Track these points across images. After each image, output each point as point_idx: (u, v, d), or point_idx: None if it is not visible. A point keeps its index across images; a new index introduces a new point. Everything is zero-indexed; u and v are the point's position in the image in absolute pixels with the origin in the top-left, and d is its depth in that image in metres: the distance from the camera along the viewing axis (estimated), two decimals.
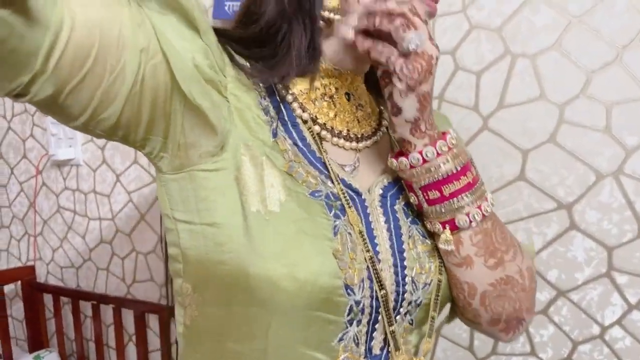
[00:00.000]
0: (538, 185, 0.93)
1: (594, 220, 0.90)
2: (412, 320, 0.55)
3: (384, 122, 0.62)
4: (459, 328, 1.04)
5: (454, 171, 0.52)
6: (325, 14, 0.53)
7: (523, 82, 0.92)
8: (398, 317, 0.54)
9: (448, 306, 0.61)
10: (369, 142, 0.59)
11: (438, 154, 0.52)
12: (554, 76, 0.90)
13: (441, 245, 0.55)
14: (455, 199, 0.52)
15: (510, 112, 0.94)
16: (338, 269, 0.48)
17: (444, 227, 0.54)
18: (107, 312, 1.52)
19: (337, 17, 0.53)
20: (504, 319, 0.58)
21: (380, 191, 0.56)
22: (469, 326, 0.62)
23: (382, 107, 0.65)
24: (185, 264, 0.53)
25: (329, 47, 0.55)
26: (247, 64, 0.54)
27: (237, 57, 0.54)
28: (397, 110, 0.51)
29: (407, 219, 0.56)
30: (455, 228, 0.53)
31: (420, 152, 0.52)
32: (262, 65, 0.54)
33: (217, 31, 0.53)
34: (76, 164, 1.56)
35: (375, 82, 0.56)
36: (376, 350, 0.53)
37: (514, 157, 0.94)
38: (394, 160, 0.54)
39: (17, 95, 0.41)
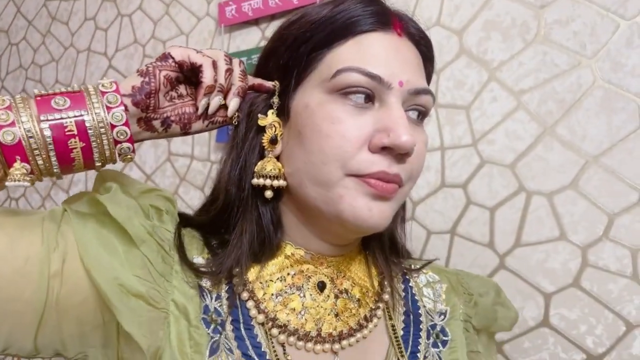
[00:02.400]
0: (564, 333, 0.85)
1: None
2: None
3: (381, 305, 0.53)
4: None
5: None
6: (258, 181, 0.47)
7: (540, 220, 0.87)
8: None
9: None
10: (352, 340, 0.49)
11: None
12: (573, 216, 0.85)
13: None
14: None
15: (528, 252, 0.88)
16: None
17: None
18: None
19: (280, 182, 0.47)
20: None
21: None
22: None
23: (385, 281, 0.55)
24: None
25: (292, 227, 0.50)
26: (210, 254, 0.49)
27: (197, 252, 0.49)
28: None
29: None
30: None
31: None
32: (221, 253, 0.48)
33: (183, 217, 0.50)
34: None
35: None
36: None
37: (536, 300, 0.87)
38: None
39: None
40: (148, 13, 1.40)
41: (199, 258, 0.48)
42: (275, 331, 0.47)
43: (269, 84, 0.49)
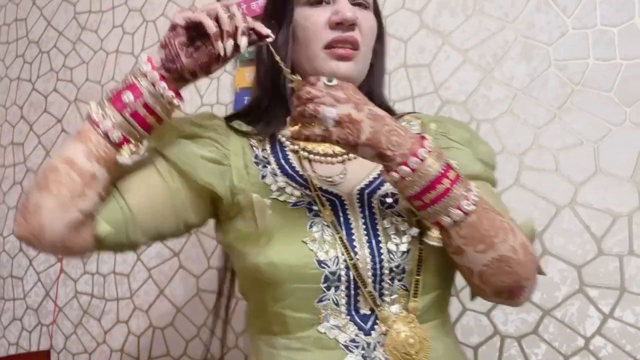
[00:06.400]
0: None
1: (560, 244, 1.04)
2: (405, 285, 0.66)
3: None
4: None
5: (441, 171, 0.58)
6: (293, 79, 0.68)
7: (487, 140, 1.15)
8: (384, 283, 0.65)
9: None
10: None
11: (422, 160, 0.57)
12: (510, 134, 1.14)
13: (431, 242, 0.61)
14: (446, 196, 0.58)
15: None
16: (308, 250, 0.64)
17: (434, 226, 0.61)
18: None
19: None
20: (506, 290, 0.63)
21: (357, 192, 0.71)
22: (481, 297, 0.70)
23: None
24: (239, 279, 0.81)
25: None
26: (249, 129, 0.79)
27: (244, 127, 0.79)
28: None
29: (382, 207, 0.70)
30: (442, 227, 0.60)
31: (406, 164, 0.58)
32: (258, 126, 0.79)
33: (230, 116, 0.82)
34: None
35: None
36: (365, 310, 0.66)
37: None
38: (387, 176, 0.61)
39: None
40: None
41: (246, 127, 0.80)
42: (304, 153, 0.75)
43: (266, 30, 0.63)
